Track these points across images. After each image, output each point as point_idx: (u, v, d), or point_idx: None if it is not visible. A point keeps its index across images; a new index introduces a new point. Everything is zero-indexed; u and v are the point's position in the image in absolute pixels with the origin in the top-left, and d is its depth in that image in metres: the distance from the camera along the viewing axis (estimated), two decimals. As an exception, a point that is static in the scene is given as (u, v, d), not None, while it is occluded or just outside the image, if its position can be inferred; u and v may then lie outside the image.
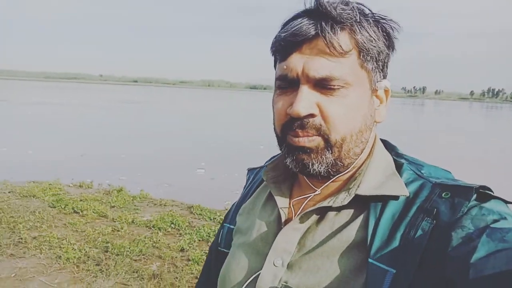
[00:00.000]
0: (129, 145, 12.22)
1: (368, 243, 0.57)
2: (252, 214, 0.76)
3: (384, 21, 0.64)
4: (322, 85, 0.60)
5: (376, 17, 0.64)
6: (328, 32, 0.58)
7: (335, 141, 0.61)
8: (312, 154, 0.62)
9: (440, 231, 0.53)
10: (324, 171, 0.63)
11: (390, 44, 0.65)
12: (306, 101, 0.59)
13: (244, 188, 0.87)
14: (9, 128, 15.48)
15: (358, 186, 0.63)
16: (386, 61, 0.65)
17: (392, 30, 0.64)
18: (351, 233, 0.61)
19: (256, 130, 16.96)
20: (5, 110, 24.42)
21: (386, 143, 0.74)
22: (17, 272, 3.60)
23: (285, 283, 0.61)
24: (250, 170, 0.89)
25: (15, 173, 7.45)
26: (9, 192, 6.17)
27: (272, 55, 0.68)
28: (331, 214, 0.64)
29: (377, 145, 0.70)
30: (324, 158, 0.62)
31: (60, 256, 3.91)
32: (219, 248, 0.81)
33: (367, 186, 0.63)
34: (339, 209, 0.64)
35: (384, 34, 0.64)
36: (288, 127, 0.62)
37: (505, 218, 0.51)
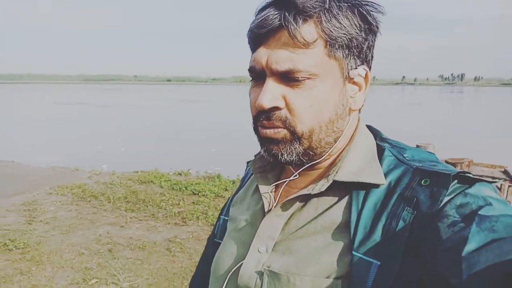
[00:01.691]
0: (218, 141, 13.42)
1: (352, 235, 0.57)
2: (243, 204, 0.77)
3: (360, 4, 0.62)
4: (287, 77, 0.59)
5: (352, 2, 0.61)
6: (291, 23, 0.57)
7: (301, 132, 0.61)
8: (280, 145, 0.62)
9: (422, 222, 0.53)
10: (295, 159, 0.63)
11: (368, 28, 0.62)
12: (270, 94, 0.60)
13: (241, 180, 0.89)
14: (98, 127, 17.42)
15: (337, 172, 0.63)
16: (363, 46, 0.63)
17: (369, 14, 0.62)
18: (333, 219, 0.61)
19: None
20: (87, 112, 26.82)
21: (370, 129, 0.73)
22: (193, 234, 4.76)
23: (267, 267, 0.62)
24: (249, 162, 0.88)
25: (117, 165, 8.75)
26: (128, 180, 7.39)
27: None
28: (314, 201, 0.65)
29: (359, 131, 0.69)
30: (293, 149, 0.62)
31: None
32: (215, 239, 0.82)
33: (345, 172, 0.62)
34: (320, 195, 0.64)
35: (361, 18, 0.61)
36: (258, 118, 0.63)
37: (490, 204, 0.50)
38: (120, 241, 4.51)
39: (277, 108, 0.61)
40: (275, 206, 0.67)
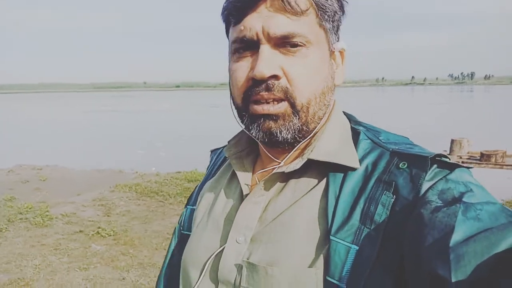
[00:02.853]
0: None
1: (330, 219, 0.56)
2: (215, 192, 0.73)
3: None
4: (284, 43, 0.58)
5: None
6: None
7: (301, 105, 0.59)
8: (279, 121, 0.60)
9: (403, 207, 0.52)
10: (291, 137, 0.61)
11: (341, 6, 0.63)
12: (269, 61, 0.57)
13: (207, 169, 0.85)
14: (136, 134, 18.24)
15: (312, 151, 0.62)
16: (339, 23, 0.64)
17: None
18: (311, 205, 0.59)
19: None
20: (117, 118, 27.85)
21: (344, 113, 0.71)
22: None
23: (247, 260, 0.59)
24: (213, 151, 0.87)
25: (158, 166, 9.43)
26: (176, 179, 8.00)
27: (224, 20, 0.64)
28: (291, 185, 0.63)
29: (335, 110, 0.68)
30: (292, 125, 0.60)
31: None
32: (182, 231, 0.78)
33: (320, 151, 0.61)
34: (297, 176, 0.63)
35: None
36: (251, 93, 0.59)
37: (471, 190, 0.50)
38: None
39: (276, 77, 0.58)
40: (251, 193, 0.65)
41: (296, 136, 0.61)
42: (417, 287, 0.47)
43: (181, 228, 0.79)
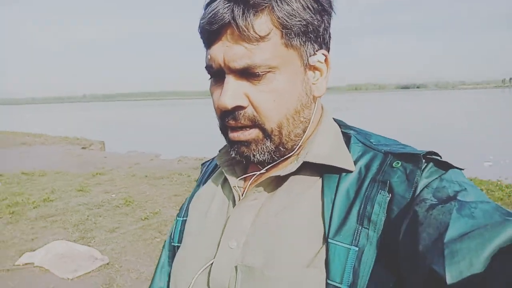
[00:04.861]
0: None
1: (327, 222, 0.55)
2: (207, 200, 0.71)
3: None
4: (247, 73, 0.56)
5: None
6: (240, 18, 0.53)
7: (271, 129, 0.59)
8: (251, 146, 0.60)
9: (399, 205, 0.52)
10: (267, 158, 0.61)
11: (322, 8, 0.59)
12: (231, 92, 0.57)
13: (197, 181, 0.84)
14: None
15: (307, 154, 0.62)
16: (319, 29, 0.59)
17: None
18: (306, 207, 0.59)
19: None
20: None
21: (333, 119, 0.71)
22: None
23: (240, 263, 0.58)
24: (203, 164, 0.87)
25: None
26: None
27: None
28: (284, 187, 0.62)
29: (325, 116, 0.68)
30: (265, 148, 0.60)
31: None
32: (172, 243, 0.76)
33: (315, 154, 0.61)
34: (291, 179, 0.62)
35: (313, 0, 0.58)
36: (223, 119, 0.60)
37: (465, 189, 0.51)
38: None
39: (241, 108, 0.58)
40: (244, 197, 0.64)
41: (273, 156, 0.62)
42: (414, 284, 0.47)
43: (172, 240, 0.76)
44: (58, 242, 4.19)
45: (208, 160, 0.86)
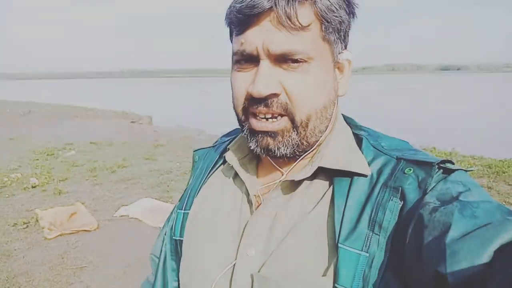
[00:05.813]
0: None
1: (338, 227, 0.56)
2: (216, 200, 0.71)
3: None
4: (284, 59, 0.56)
5: None
6: (285, 6, 0.54)
7: (300, 120, 0.59)
8: (277, 138, 0.60)
9: (409, 211, 0.53)
10: (290, 152, 0.61)
11: (351, 11, 0.61)
12: (268, 78, 0.56)
13: (193, 169, 0.83)
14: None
15: (321, 159, 0.62)
16: (347, 30, 0.62)
17: None
18: (319, 214, 0.59)
19: None
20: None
21: (343, 117, 0.71)
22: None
23: (257, 273, 0.58)
24: (196, 151, 0.85)
25: None
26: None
27: (227, 26, 0.63)
28: (298, 193, 0.63)
29: (338, 119, 0.68)
30: (290, 140, 0.60)
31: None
32: (174, 237, 0.74)
33: (330, 159, 0.61)
34: (305, 185, 0.63)
35: (346, 1, 0.60)
36: (251, 107, 0.59)
37: (469, 189, 0.51)
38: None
39: (275, 95, 0.57)
40: (261, 204, 0.64)
41: (295, 150, 0.62)
42: (419, 286, 0.48)
43: (173, 234, 0.74)
44: (145, 199, 5.04)
45: (205, 148, 0.84)
